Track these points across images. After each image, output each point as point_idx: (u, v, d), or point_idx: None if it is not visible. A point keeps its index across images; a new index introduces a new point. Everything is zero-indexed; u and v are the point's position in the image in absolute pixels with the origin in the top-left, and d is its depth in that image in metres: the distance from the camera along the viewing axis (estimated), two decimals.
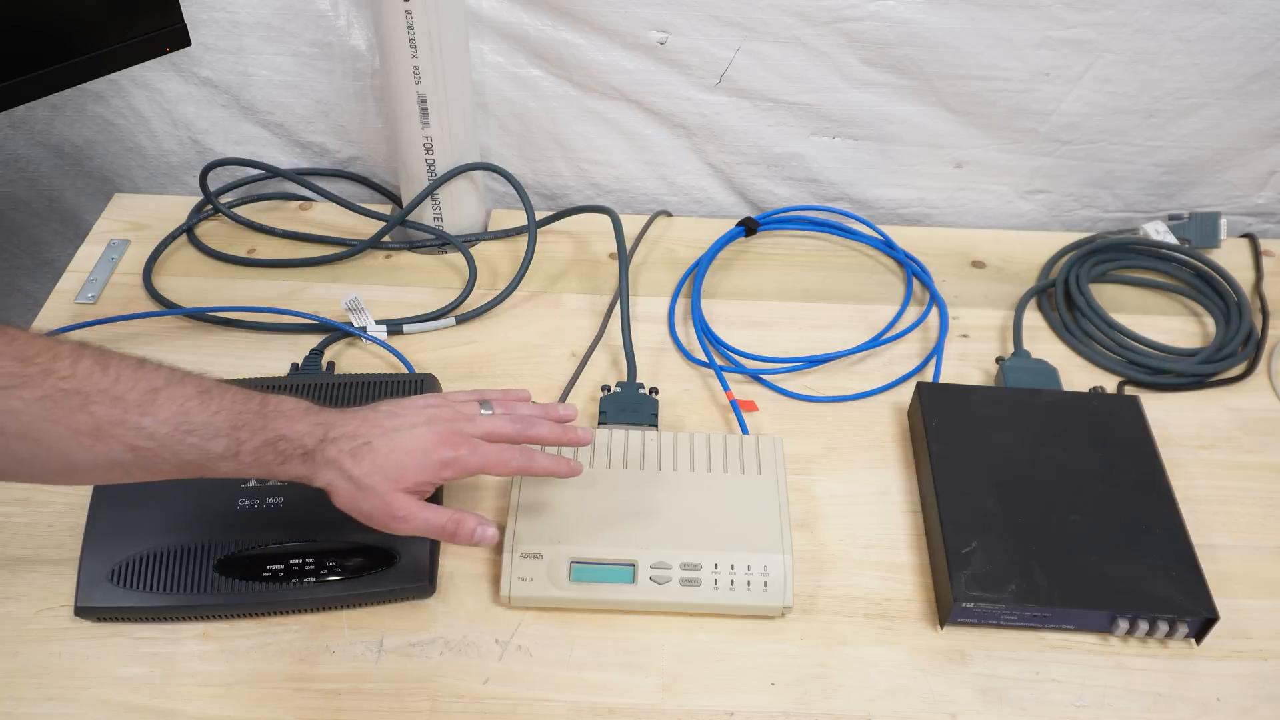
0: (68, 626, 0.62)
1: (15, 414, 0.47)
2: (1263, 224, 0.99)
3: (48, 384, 0.48)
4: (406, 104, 0.82)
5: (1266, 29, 0.83)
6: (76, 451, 0.49)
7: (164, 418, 0.50)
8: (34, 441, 0.48)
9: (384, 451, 0.56)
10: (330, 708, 0.59)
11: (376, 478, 0.55)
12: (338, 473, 0.55)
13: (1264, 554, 0.69)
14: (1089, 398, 0.76)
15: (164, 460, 0.51)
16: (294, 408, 0.56)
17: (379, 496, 0.55)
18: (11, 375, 0.47)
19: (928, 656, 0.63)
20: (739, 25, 0.85)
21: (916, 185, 0.97)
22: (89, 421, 0.49)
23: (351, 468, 0.55)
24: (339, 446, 0.55)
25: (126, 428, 0.49)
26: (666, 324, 0.85)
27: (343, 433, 0.56)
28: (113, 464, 0.50)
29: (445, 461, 0.57)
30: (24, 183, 1.00)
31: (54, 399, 0.48)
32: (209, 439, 0.52)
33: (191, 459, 0.51)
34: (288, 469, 0.54)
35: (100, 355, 0.51)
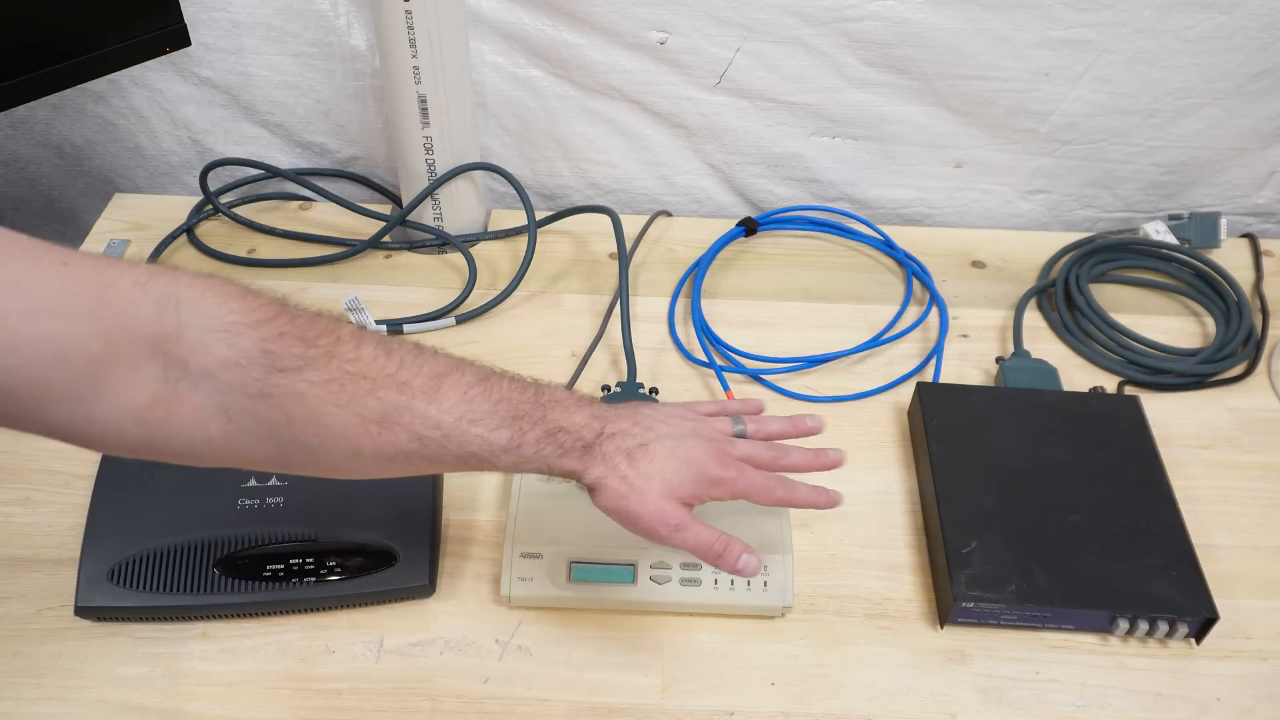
0: (68, 626, 0.62)
1: (303, 397, 0.45)
2: (1263, 224, 0.99)
3: (333, 367, 0.46)
4: (406, 104, 0.82)
5: (1266, 29, 0.83)
6: (363, 439, 0.47)
7: (449, 406, 0.48)
8: (322, 427, 0.46)
9: (661, 457, 0.54)
10: (330, 708, 0.59)
11: (655, 482, 0.53)
12: (612, 471, 0.53)
13: (1264, 554, 0.69)
14: (1089, 398, 0.76)
15: (448, 452, 0.49)
16: (567, 397, 0.54)
17: (653, 502, 0.53)
18: (297, 357, 0.45)
19: (928, 656, 0.63)
20: (739, 25, 0.85)
21: (916, 185, 0.97)
22: (377, 408, 0.46)
23: (628, 469, 0.53)
24: (616, 444, 0.53)
25: (414, 415, 0.47)
26: (666, 324, 0.85)
27: (619, 429, 0.54)
28: (397, 453, 0.48)
29: (716, 480, 0.55)
30: (24, 183, 1.00)
31: (340, 383, 0.46)
32: (493, 429, 0.49)
33: (475, 450, 0.49)
34: (564, 463, 0.52)
35: (381, 339, 0.49)
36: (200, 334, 0.42)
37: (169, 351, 0.42)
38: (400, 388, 0.47)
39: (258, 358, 0.43)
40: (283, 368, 0.44)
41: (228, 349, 0.43)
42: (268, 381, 0.44)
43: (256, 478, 0.66)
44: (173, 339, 0.42)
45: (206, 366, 0.42)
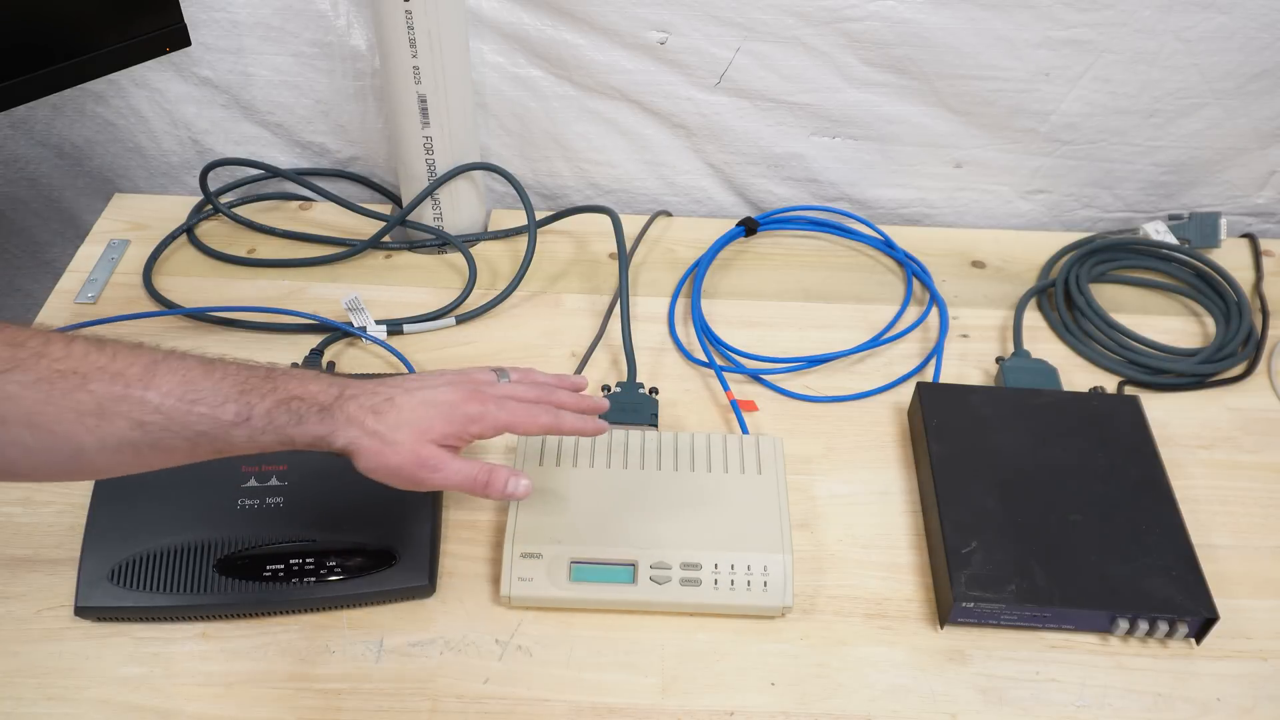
0: (68, 626, 0.62)
1: (14, 399, 0.45)
2: (1263, 224, 0.99)
3: (42, 366, 0.46)
4: (406, 104, 0.82)
5: (1266, 29, 0.83)
6: (82, 434, 0.47)
7: (168, 389, 0.48)
8: (37, 427, 0.46)
9: (408, 406, 0.54)
10: (330, 708, 0.59)
11: (403, 431, 0.53)
12: (360, 429, 0.52)
13: (1264, 554, 0.69)
14: (1089, 398, 0.76)
15: (174, 435, 0.49)
16: (303, 372, 0.54)
17: (407, 448, 0.53)
18: (6, 360, 0.46)
19: (928, 656, 0.63)
20: (739, 25, 0.85)
21: (916, 185, 0.97)
22: (90, 400, 0.47)
23: (375, 423, 0.53)
24: (359, 403, 0.53)
25: (130, 402, 0.47)
26: (666, 324, 0.85)
27: (360, 390, 0.54)
28: (121, 444, 0.48)
29: (472, 416, 0.55)
30: (24, 183, 1.00)
31: (51, 380, 0.46)
32: (217, 405, 0.49)
33: (203, 429, 0.49)
34: (305, 429, 0.52)
35: (94, 339, 0.49)
36: None
37: None
38: (114, 378, 0.48)
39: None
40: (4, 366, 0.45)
41: None
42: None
43: (256, 478, 0.66)
44: None
45: None
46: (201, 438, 0.50)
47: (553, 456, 0.69)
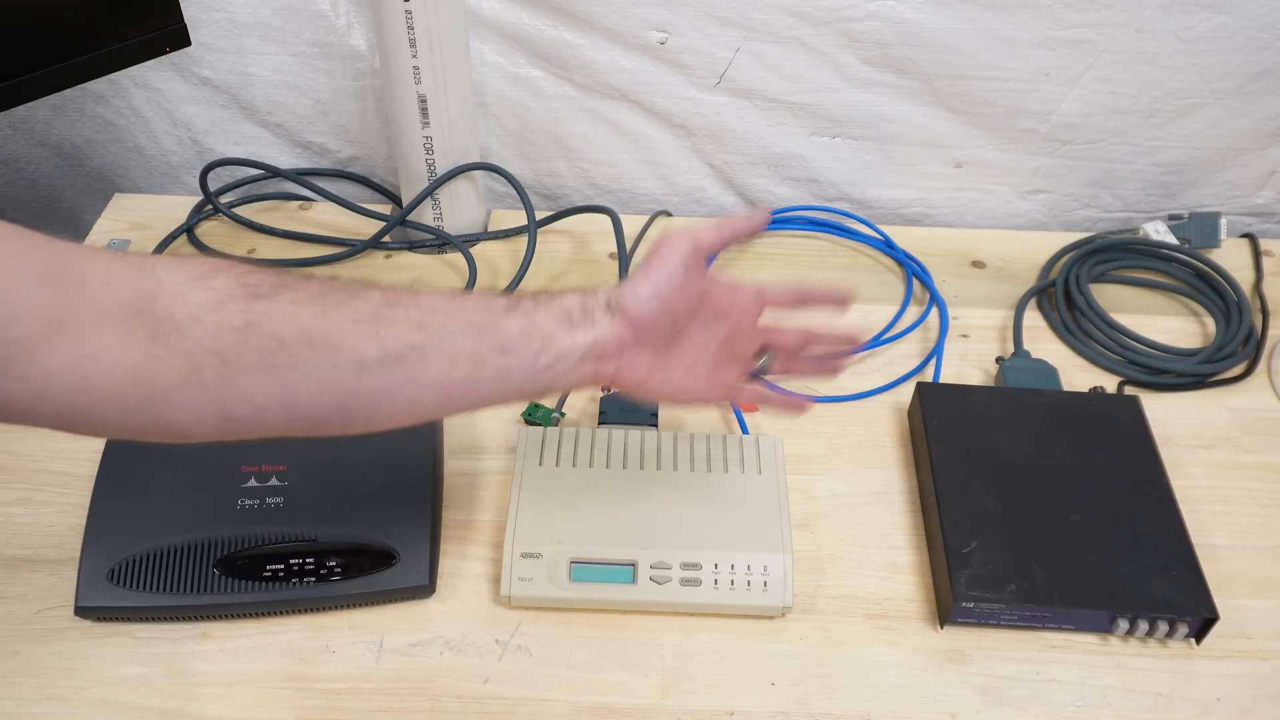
0: (68, 626, 0.62)
1: (290, 316, 0.44)
2: (1263, 224, 0.99)
3: (311, 286, 0.46)
4: (406, 104, 0.82)
5: (1266, 29, 0.83)
6: (363, 343, 0.45)
7: (437, 294, 0.48)
8: (317, 342, 0.44)
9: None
10: (330, 708, 0.59)
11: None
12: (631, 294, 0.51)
13: (1264, 554, 0.69)
14: (1089, 398, 0.76)
15: (454, 331, 0.47)
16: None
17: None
18: (274, 284, 0.45)
19: (928, 656, 0.63)
20: (739, 25, 0.85)
21: (916, 185, 0.97)
22: (366, 308, 0.46)
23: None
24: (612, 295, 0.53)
25: (405, 306, 0.47)
26: None
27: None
28: (404, 349, 0.46)
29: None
30: (24, 183, 1.00)
31: (322, 296, 0.45)
32: (487, 299, 0.49)
33: (479, 320, 0.48)
34: (576, 304, 0.51)
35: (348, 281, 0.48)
36: (178, 286, 0.42)
37: (153, 309, 0.42)
38: (385, 291, 0.47)
39: (236, 291, 0.43)
40: (262, 294, 0.44)
41: (207, 291, 0.43)
42: (252, 310, 0.43)
43: (256, 478, 0.66)
44: (153, 296, 0.42)
45: (190, 313, 0.42)
46: (480, 328, 0.48)
47: (553, 456, 0.69)
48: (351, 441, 0.67)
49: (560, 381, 0.51)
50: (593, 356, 0.51)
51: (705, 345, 0.56)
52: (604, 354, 0.51)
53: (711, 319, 0.56)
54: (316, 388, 0.45)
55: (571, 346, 0.50)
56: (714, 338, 0.56)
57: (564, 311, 0.51)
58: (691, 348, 0.55)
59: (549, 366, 0.50)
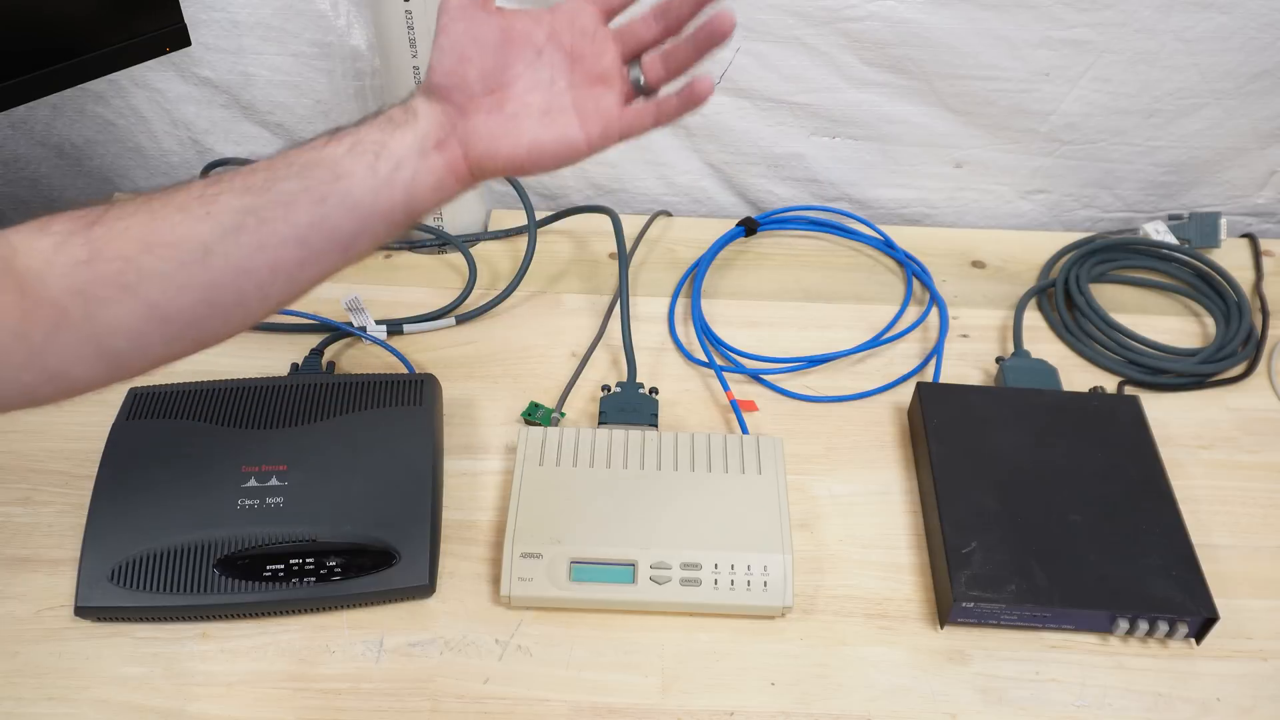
0: (68, 626, 0.62)
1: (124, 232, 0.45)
2: (1263, 224, 0.99)
3: (136, 199, 0.46)
4: None
5: (1266, 29, 0.83)
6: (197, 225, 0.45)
7: (256, 166, 0.48)
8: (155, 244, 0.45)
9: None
10: (330, 708, 0.59)
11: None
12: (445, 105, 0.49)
13: (1264, 554, 0.69)
14: (1089, 398, 0.76)
15: (281, 178, 0.47)
16: None
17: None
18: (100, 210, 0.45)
19: (928, 656, 0.63)
20: (739, 25, 0.84)
21: (916, 185, 0.97)
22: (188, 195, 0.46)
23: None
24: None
25: (227, 179, 0.47)
26: (666, 324, 0.85)
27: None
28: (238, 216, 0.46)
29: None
30: (24, 183, 1.00)
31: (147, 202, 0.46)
32: (310, 141, 0.49)
33: (302, 160, 0.48)
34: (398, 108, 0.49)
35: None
36: (25, 240, 0.44)
37: (14, 267, 0.43)
38: (210, 180, 0.47)
39: (73, 227, 0.44)
40: (94, 221, 0.45)
41: (49, 236, 0.44)
42: (90, 240, 0.44)
43: (256, 478, 0.66)
44: (10, 256, 0.43)
45: (43, 260, 0.43)
46: (308, 167, 0.47)
47: (553, 456, 0.69)
48: (352, 441, 0.68)
49: (418, 186, 0.49)
50: (431, 146, 0.49)
51: (548, 80, 0.51)
52: (440, 140, 0.49)
53: (537, 50, 0.51)
54: (175, 291, 0.45)
55: (404, 145, 0.48)
56: (553, 66, 0.51)
57: (386, 119, 0.49)
58: (532, 87, 0.50)
59: (392, 173, 0.48)
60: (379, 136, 0.48)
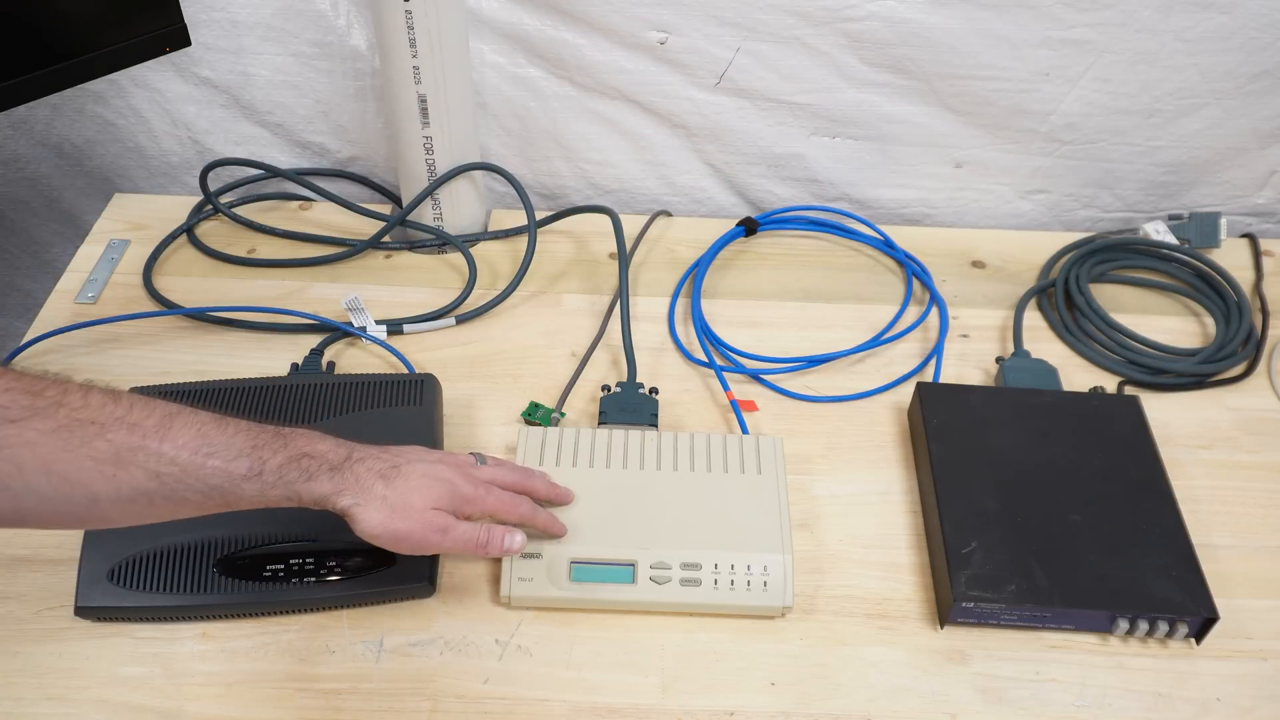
0: (68, 626, 0.62)
1: (32, 446, 0.46)
2: (1263, 224, 0.99)
3: (61, 415, 0.47)
4: (406, 104, 0.82)
5: (1266, 29, 0.83)
6: (98, 482, 0.48)
7: (183, 442, 0.50)
8: (54, 475, 0.47)
9: (415, 476, 0.57)
10: (330, 708, 0.59)
11: (414, 498, 0.56)
12: (368, 494, 0.55)
13: (1264, 554, 0.69)
14: (1089, 398, 0.76)
15: (188, 487, 0.50)
16: (310, 432, 0.56)
17: (417, 514, 0.56)
18: (25, 408, 0.46)
19: (928, 656, 0.63)
20: (739, 25, 0.85)
21: (916, 185, 0.97)
22: (108, 449, 0.48)
23: (385, 490, 0.55)
24: (367, 466, 0.56)
25: (147, 454, 0.49)
26: (666, 324, 0.85)
27: (367, 454, 0.56)
28: (136, 494, 0.49)
29: (467, 497, 0.59)
30: (24, 183, 1.00)
31: (70, 429, 0.47)
32: (231, 460, 0.51)
33: (216, 483, 0.51)
34: (314, 487, 0.54)
35: (110, 390, 0.50)
36: None
37: None
38: (131, 429, 0.48)
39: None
40: (11, 419, 0.45)
41: None
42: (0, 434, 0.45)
43: (281, 504, 0.65)
44: None
45: None
46: (214, 491, 0.51)
47: (553, 457, 0.69)
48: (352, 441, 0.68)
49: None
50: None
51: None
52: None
53: None
54: (48, 512, 0.48)
55: (302, 495, 0.54)
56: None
57: (295, 499, 0.54)
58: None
59: (273, 499, 0.54)
60: (291, 479, 0.53)
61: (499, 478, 0.62)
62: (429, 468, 0.58)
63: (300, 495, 0.53)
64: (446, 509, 0.57)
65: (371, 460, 0.56)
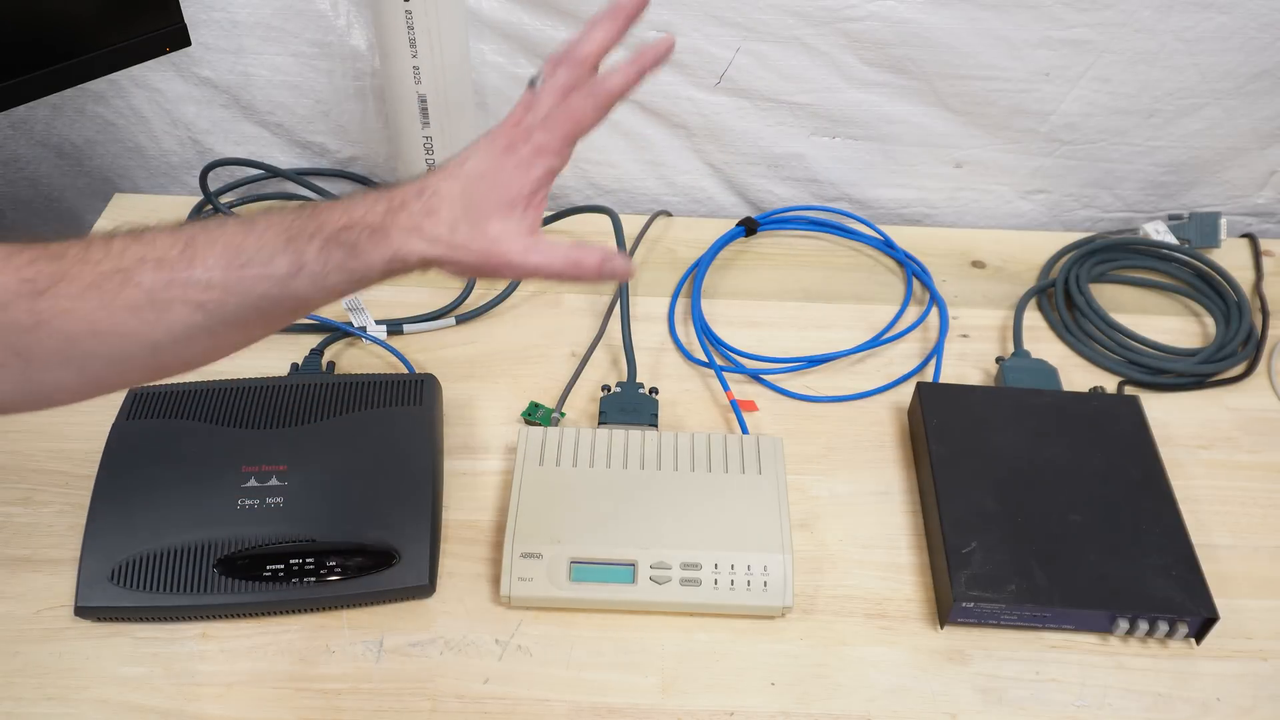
0: (68, 626, 0.62)
1: (70, 313, 0.43)
2: (1263, 224, 0.99)
3: (87, 272, 0.44)
4: (406, 104, 0.82)
5: (1266, 29, 0.83)
6: (146, 330, 0.45)
7: (213, 261, 0.45)
8: (102, 335, 0.44)
9: (455, 192, 0.49)
10: (330, 708, 0.59)
11: (462, 225, 0.48)
12: (420, 238, 0.47)
13: (1264, 554, 0.69)
14: (1089, 398, 0.76)
15: (238, 306, 0.46)
16: (346, 197, 0.49)
17: (475, 243, 0.48)
18: (51, 275, 0.44)
19: (928, 656, 0.63)
20: (739, 25, 0.85)
21: (916, 185, 0.97)
22: (139, 295, 0.44)
23: (432, 226, 0.48)
24: (409, 211, 0.48)
25: (180, 286, 0.45)
26: (666, 324, 0.85)
27: (407, 194, 0.49)
28: (189, 330, 0.45)
29: (523, 160, 0.51)
30: (24, 183, 1.00)
31: (98, 285, 0.44)
32: (268, 263, 0.45)
33: (264, 291, 0.46)
34: (366, 259, 0.47)
35: (133, 230, 0.46)
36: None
37: None
38: (158, 265, 0.45)
39: (18, 289, 0.43)
40: (42, 290, 0.43)
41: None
42: (35, 309, 0.43)
43: (256, 478, 0.66)
44: None
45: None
46: (267, 301, 0.46)
47: (553, 456, 0.69)
48: (352, 441, 0.68)
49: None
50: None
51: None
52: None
53: None
54: (118, 370, 0.46)
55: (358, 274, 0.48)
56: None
57: (361, 280, 0.48)
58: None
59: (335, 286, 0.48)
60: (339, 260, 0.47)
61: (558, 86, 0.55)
62: (469, 166, 0.51)
63: (357, 272, 0.47)
64: (509, 199, 0.50)
65: (413, 200, 0.49)
